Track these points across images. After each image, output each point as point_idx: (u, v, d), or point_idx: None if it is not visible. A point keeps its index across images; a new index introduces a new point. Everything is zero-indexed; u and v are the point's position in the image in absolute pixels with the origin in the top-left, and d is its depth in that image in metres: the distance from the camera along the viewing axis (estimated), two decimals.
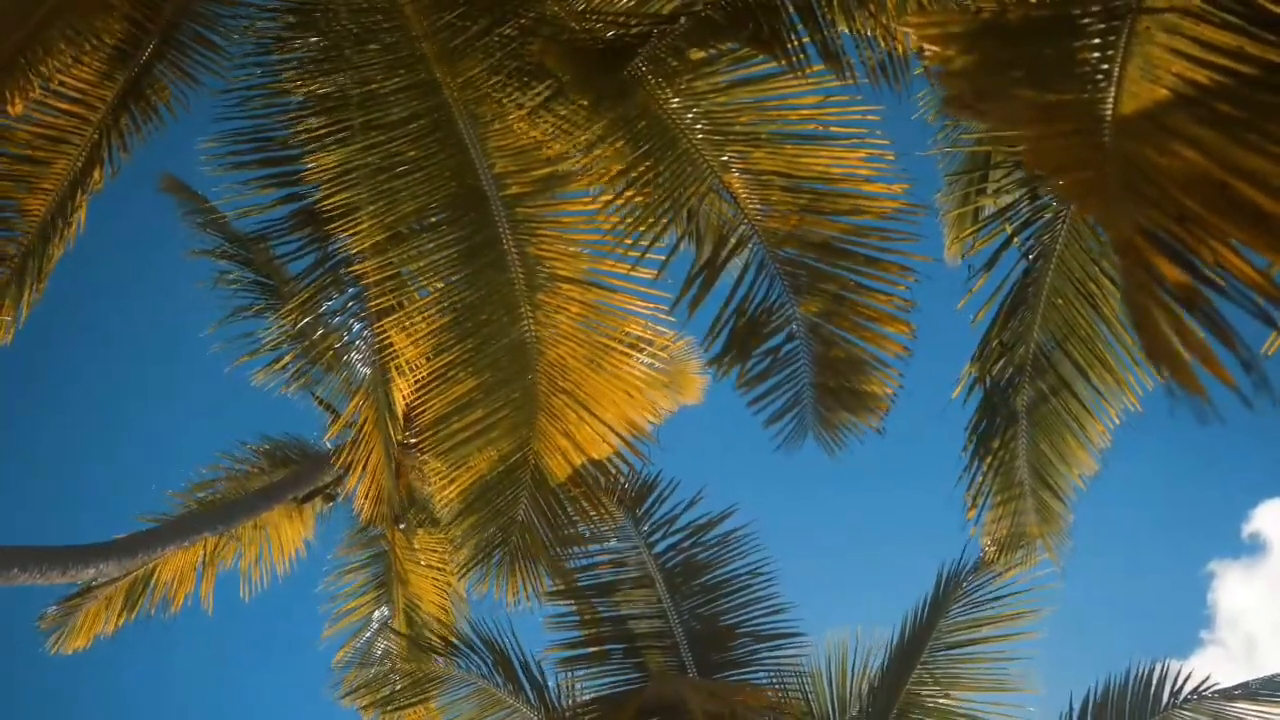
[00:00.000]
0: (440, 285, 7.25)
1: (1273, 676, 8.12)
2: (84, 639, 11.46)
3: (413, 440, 12.34)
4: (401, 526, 12.48)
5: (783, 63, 5.94)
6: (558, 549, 7.80)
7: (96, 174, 7.09)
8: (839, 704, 8.86)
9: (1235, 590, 22.10)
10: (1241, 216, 2.21)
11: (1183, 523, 20.67)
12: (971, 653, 8.82)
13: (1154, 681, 8.42)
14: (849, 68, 5.93)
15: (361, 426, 9.04)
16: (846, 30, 5.97)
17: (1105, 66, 2.99)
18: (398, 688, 8.87)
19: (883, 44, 6.01)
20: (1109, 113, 2.85)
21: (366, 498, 9.58)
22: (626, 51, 5.84)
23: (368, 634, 12.41)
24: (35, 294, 7.36)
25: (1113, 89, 2.91)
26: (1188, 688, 8.29)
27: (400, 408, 8.39)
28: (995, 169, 7.40)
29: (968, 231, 7.74)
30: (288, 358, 10.61)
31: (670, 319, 7.08)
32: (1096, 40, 3.10)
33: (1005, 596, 8.78)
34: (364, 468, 9.15)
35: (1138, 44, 2.94)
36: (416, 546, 12.58)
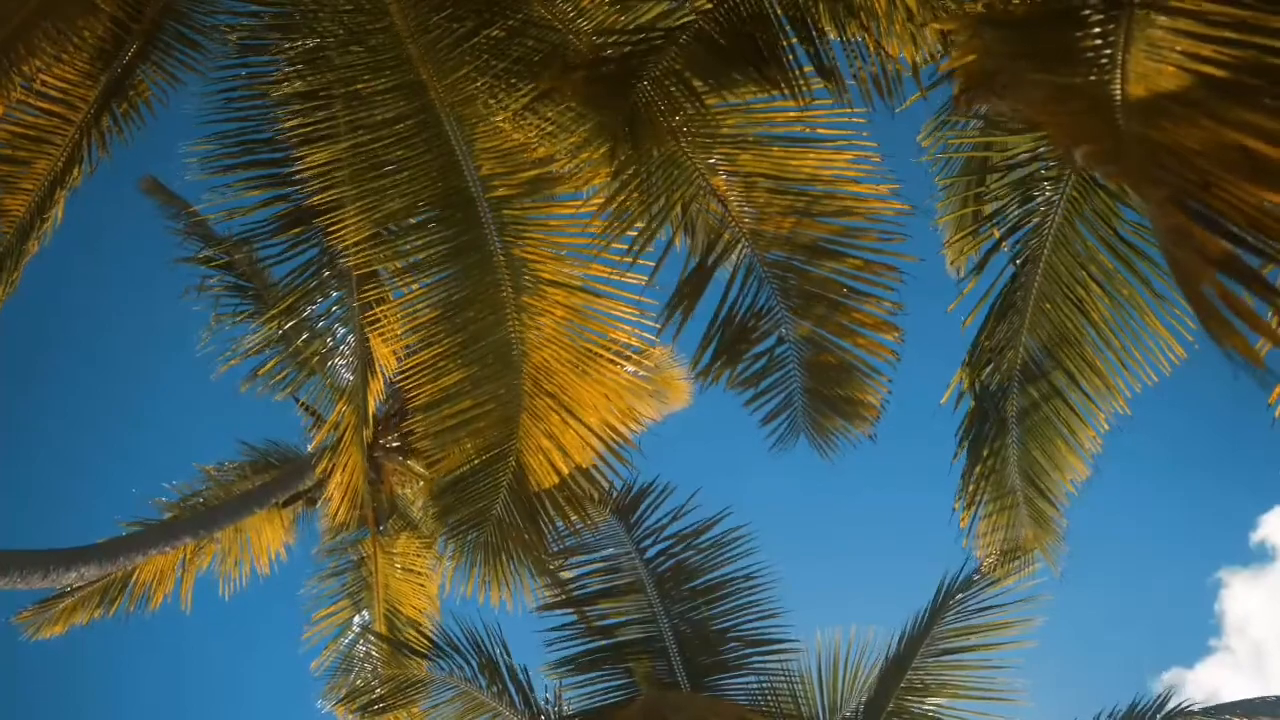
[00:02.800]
0: (427, 283, 7.24)
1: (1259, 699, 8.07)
2: (61, 626, 11.52)
3: (396, 443, 12.31)
4: (381, 529, 12.44)
5: (784, 89, 5.90)
6: (543, 549, 7.77)
7: (75, 172, 7.03)
8: (829, 707, 8.81)
9: (1243, 598, 22.24)
10: (1268, 177, 2.21)
11: (1191, 531, 20.85)
12: (968, 659, 8.72)
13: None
14: (842, 84, 5.90)
15: (342, 433, 8.99)
16: (837, 38, 5.94)
17: (1109, 52, 3.03)
18: (379, 692, 8.78)
19: (872, 51, 5.99)
20: (1118, 95, 2.87)
21: (344, 502, 9.52)
22: (628, 81, 5.78)
23: (348, 638, 12.34)
24: (10, 288, 7.29)
25: (1118, 73, 2.94)
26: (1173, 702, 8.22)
27: (374, 411, 8.35)
28: (992, 173, 7.36)
29: (958, 237, 7.71)
30: (272, 363, 10.53)
31: (657, 324, 7.05)
32: (1097, 29, 3.13)
33: (1006, 605, 8.65)
34: (343, 472, 9.10)
35: (1139, 28, 2.98)
36: (398, 550, 12.53)
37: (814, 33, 5.82)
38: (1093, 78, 3.01)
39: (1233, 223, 2.14)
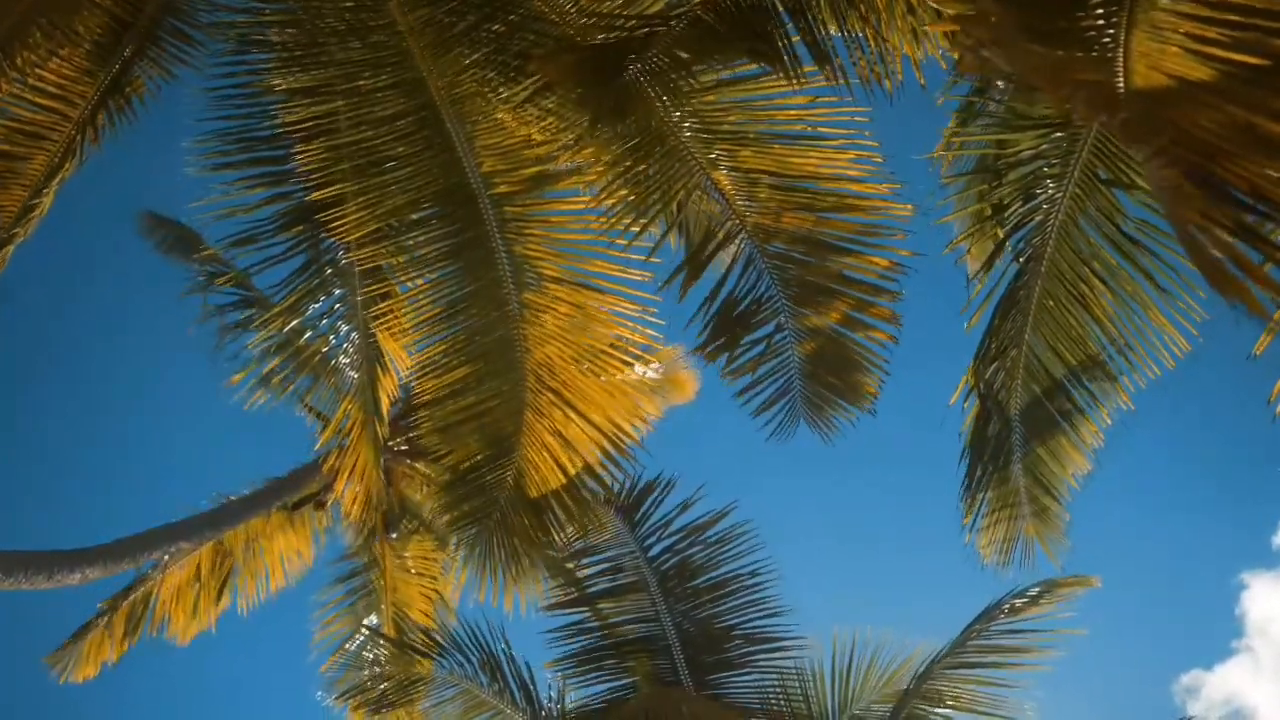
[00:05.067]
0: (430, 279, 7.26)
1: None
2: (93, 668, 11.48)
3: (404, 446, 12.30)
4: (394, 536, 12.42)
5: (778, 73, 5.88)
6: (550, 547, 7.76)
7: (69, 166, 7.04)
8: (839, 705, 8.75)
9: (1265, 600, 22.24)
10: (1271, 150, 2.25)
11: (1213, 533, 20.84)
12: (991, 675, 8.60)
13: None
14: (843, 79, 5.88)
15: (349, 430, 8.97)
16: (836, 32, 5.92)
17: (1111, 32, 3.06)
18: (381, 690, 8.75)
19: (872, 46, 5.95)
20: (1120, 78, 2.89)
21: (355, 501, 9.51)
22: (622, 60, 5.76)
23: (357, 640, 12.31)
24: None
25: (1120, 53, 2.97)
26: None
27: (387, 408, 8.33)
28: (996, 171, 7.30)
29: (963, 236, 7.65)
30: (276, 361, 10.52)
31: (659, 320, 7.04)
32: (1099, 12, 3.14)
33: (1039, 631, 8.55)
34: (352, 471, 9.09)
35: (1141, 11, 2.99)
36: (408, 553, 12.50)
37: (813, 25, 5.79)
38: (1094, 55, 3.02)
39: (1238, 190, 2.15)
